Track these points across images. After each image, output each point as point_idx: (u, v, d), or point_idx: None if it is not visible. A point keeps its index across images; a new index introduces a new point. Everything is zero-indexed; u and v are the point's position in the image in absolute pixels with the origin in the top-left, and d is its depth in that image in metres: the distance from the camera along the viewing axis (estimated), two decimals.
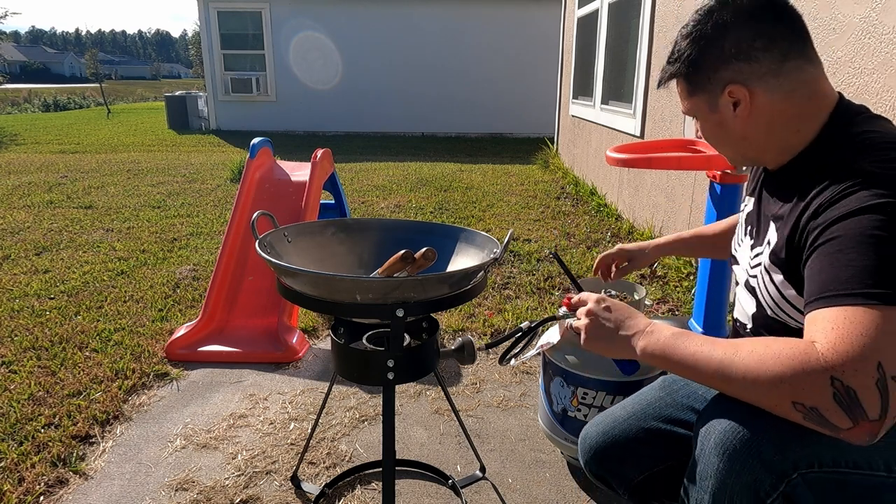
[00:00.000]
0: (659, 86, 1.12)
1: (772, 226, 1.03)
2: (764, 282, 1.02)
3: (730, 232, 1.47)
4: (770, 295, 1.00)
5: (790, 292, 0.96)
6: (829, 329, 0.78)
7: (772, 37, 0.97)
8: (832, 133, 0.98)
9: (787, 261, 0.95)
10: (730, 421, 0.87)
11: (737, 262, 1.18)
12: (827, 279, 0.83)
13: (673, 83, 1.09)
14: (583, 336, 1.06)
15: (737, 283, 1.20)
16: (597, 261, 1.61)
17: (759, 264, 1.04)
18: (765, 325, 1.05)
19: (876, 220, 0.82)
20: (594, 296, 1.08)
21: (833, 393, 0.75)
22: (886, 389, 0.74)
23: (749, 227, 1.14)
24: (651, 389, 1.27)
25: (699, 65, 1.02)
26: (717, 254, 1.52)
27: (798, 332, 0.98)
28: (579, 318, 1.07)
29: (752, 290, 1.07)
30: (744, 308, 1.12)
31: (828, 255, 0.84)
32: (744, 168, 2.04)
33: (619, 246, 1.59)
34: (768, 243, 1.02)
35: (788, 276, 0.96)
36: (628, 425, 1.20)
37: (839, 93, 1.02)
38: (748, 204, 1.18)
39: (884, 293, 0.77)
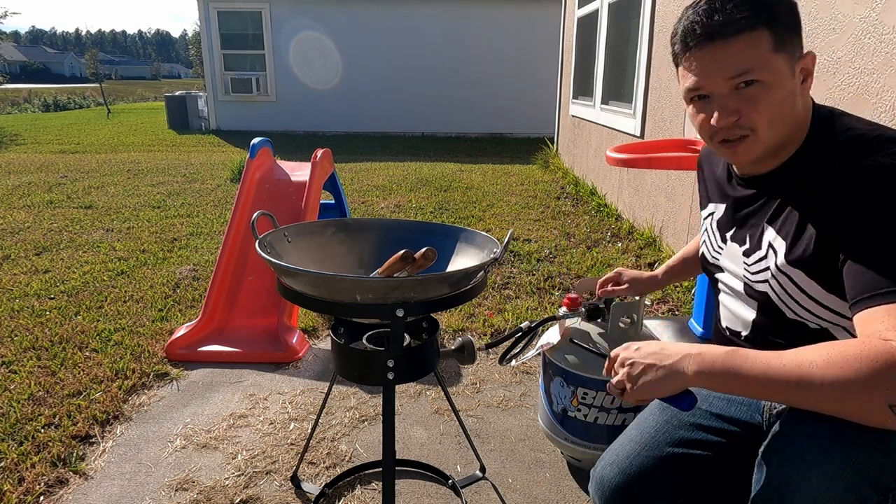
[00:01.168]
0: (727, 34, 0.90)
1: (769, 230, 1.01)
2: (780, 284, 0.99)
3: None
4: (791, 296, 0.98)
5: (816, 289, 0.94)
6: None
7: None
8: (818, 132, 0.98)
9: (814, 258, 0.93)
10: (823, 439, 0.82)
11: (720, 270, 1.14)
12: (880, 274, 0.82)
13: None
14: (628, 387, 0.95)
15: (718, 292, 1.17)
16: (598, 283, 1.63)
17: (766, 269, 1.01)
18: (772, 329, 1.03)
19: None
20: (621, 346, 0.99)
21: None
22: None
23: (729, 234, 1.11)
24: (652, 416, 1.21)
25: (795, 17, 0.92)
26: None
27: (818, 333, 0.97)
28: (616, 375, 0.98)
29: (756, 296, 1.04)
30: (738, 315, 1.10)
31: (873, 251, 0.84)
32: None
33: (617, 269, 1.61)
34: (771, 247, 0.99)
35: (814, 273, 0.94)
36: (644, 458, 1.15)
37: None
38: (716, 211, 1.16)
39: None
